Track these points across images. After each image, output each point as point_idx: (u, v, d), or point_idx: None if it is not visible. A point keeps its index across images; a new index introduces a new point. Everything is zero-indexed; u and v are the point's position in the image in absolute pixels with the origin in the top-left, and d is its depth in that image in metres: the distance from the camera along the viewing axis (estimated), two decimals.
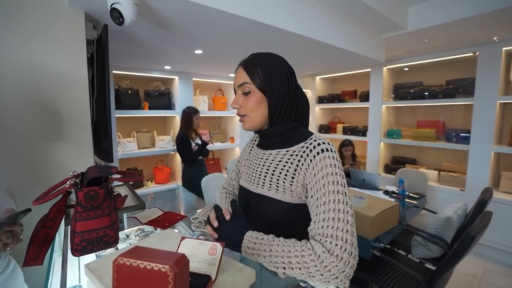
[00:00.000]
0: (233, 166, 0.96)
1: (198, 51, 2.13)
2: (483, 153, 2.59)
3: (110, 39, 1.39)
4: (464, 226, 1.79)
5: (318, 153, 0.63)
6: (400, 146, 3.50)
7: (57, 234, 0.79)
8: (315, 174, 0.61)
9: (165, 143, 3.05)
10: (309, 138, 0.68)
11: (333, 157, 0.62)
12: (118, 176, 0.92)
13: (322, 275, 0.54)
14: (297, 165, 0.65)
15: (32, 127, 1.16)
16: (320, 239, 0.56)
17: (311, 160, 0.63)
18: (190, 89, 3.21)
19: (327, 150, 0.63)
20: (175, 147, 2.92)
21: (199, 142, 2.75)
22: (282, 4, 1.63)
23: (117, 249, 0.85)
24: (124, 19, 1.06)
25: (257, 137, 0.88)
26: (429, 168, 3.17)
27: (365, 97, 3.52)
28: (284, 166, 0.68)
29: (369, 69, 3.34)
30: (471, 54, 2.63)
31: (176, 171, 3.31)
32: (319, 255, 0.54)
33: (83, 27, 1.25)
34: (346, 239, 0.54)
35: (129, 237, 0.95)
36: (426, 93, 2.99)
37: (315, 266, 0.54)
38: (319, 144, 0.64)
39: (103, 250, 0.84)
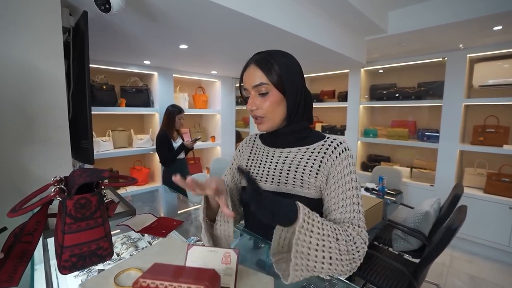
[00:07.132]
0: (227, 170, 0.87)
1: (183, 46, 2.02)
2: (450, 151, 2.81)
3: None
4: (440, 219, 1.92)
5: (342, 151, 0.68)
6: (374, 145, 3.68)
7: None
8: (341, 170, 0.67)
9: (144, 142, 2.89)
10: (327, 138, 0.73)
11: (351, 156, 0.70)
12: (111, 181, 0.83)
13: (353, 255, 0.58)
14: (321, 161, 0.69)
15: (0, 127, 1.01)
16: (348, 226, 0.61)
17: (336, 157, 0.68)
18: (170, 85, 3.06)
19: (348, 149, 0.70)
20: (155, 146, 2.77)
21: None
22: (274, 1, 1.60)
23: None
24: (111, 6, 0.96)
25: (255, 137, 0.85)
26: (402, 166, 3.37)
27: (343, 97, 3.64)
28: (307, 162, 0.70)
29: (348, 70, 3.46)
30: (441, 59, 2.84)
31: (155, 172, 3.16)
32: (353, 237, 0.59)
33: (59, 14, 1.11)
34: (365, 227, 0.63)
35: (115, 245, 0.86)
36: (400, 95, 3.17)
37: (351, 246, 0.58)
38: (340, 143, 0.70)
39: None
